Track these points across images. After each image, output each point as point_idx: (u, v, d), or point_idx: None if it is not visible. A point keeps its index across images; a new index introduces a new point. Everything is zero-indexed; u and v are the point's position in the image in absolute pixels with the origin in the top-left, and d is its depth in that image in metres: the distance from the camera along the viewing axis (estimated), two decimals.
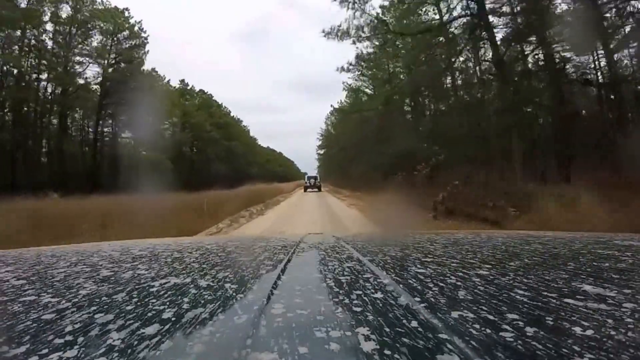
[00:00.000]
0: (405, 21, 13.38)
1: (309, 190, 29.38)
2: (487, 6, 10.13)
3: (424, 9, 13.06)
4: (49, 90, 19.80)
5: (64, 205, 8.83)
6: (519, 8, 9.95)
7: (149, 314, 0.40)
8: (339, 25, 11.77)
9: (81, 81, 20.22)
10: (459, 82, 14.20)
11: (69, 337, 0.34)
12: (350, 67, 18.66)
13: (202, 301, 0.45)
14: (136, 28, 22.47)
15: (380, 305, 0.42)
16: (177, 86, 30.29)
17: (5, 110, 17.89)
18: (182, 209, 9.45)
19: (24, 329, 0.37)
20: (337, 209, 13.59)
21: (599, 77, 10.41)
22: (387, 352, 0.30)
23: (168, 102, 24.72)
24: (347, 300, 0.43)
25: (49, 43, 19.14)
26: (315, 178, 32.28)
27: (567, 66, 10.03)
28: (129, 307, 0.42)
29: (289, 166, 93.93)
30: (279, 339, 0.33)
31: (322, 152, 45.53)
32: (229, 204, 12.20)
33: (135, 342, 0.33)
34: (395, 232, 1.67)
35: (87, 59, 20.37)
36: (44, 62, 18.92)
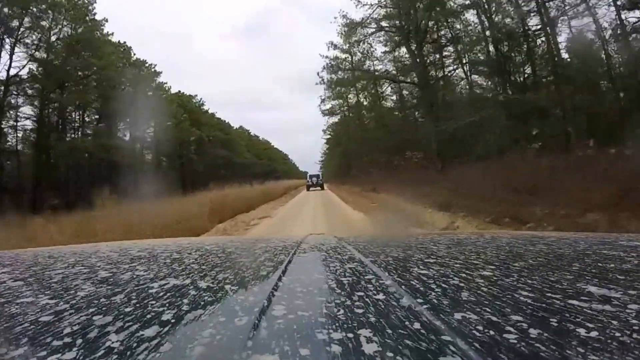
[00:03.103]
0: None
1: (312, 189, 28.77)
2: None
3: None
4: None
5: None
6: None
7: (148, 316, 0.40)
8: None
9: None
10: None
11: (67, 339, 0.34)
12: None
13: (202, 302, 0.45)
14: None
15: (382, 306, 0.41)
16: None
17: None
18: None
19: (22, 331, 0.37)
20: None
21: None
22: (389, 354, 0.30)
23: None
24: (348, 302, 0.43)
25: None
26: (317, 177, 31.60)
27: None
28: (127, 309, 0.42)
29: (278, 160, 67.88)
30: (280, 340, 0.32)
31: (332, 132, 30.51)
32: None
33: (135, 344, 0.33)
34: (398, 233, 1.66)
35: None
36: None
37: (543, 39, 12.88)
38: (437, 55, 18.20)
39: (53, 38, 18.61)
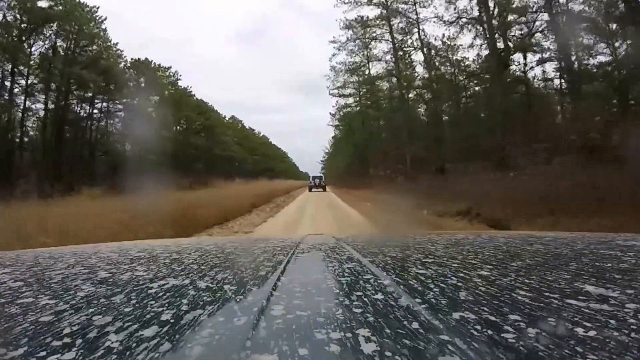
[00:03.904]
0: None
1: (314, 190, 29.34)
2: None
3: None
4: None
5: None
6: None
7: (148, 316, 0.40)
8: None
9: None
10: None
11: (66, 340, 0.34)
12: None
13: (201, 303, 0.45)
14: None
15: (381, 306, 0.41)
16: None
17: None
18: None
19: (22, 331, 0.37)
20: None
21: None
22: (387, 353, 0.30)
23: None
24: (347, 302, 0.43)
25: None
26: (320, 178, 32.21)
27: None
28: (127, 309, 0.42)
29: (275, 157, 59.79)
30: (278, 340, 0.33)
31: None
32: None
33: (134, 345, 0.33)
34: (396, 233, 1.67)
35: None
36: None
37: None
38: None
39: None
